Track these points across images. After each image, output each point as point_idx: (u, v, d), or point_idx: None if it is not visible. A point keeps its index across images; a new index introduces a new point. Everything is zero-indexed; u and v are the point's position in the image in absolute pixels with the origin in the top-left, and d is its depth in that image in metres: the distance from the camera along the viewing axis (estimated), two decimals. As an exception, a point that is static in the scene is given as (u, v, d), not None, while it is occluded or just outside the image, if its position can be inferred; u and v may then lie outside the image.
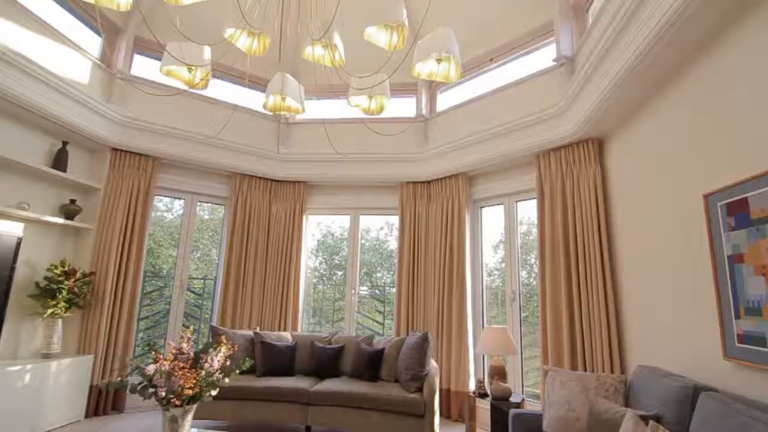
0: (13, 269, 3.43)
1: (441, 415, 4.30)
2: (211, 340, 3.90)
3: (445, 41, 2.54)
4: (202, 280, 5.56)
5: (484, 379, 4.18)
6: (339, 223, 6.03)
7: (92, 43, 4.32)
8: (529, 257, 4.68)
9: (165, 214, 6.71)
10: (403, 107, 5.45)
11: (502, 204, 4.61)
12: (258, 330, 4.26)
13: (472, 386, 4.35)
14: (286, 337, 4.29)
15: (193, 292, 5.42)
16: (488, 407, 4.07)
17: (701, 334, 2.24)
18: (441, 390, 4.36)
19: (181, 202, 5.03)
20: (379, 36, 2.78)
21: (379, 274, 6.04)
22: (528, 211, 4.60)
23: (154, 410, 4.22)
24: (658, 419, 1.95)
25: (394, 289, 5.60)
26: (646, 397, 2.17)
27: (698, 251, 2.28)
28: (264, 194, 5.23)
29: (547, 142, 3.84)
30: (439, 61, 2.76)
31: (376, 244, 6.13)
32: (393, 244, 6.04)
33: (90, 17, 4.21)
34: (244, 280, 4.95)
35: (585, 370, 3.35)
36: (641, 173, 2.98)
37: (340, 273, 6.18)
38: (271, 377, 3.82)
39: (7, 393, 3.20)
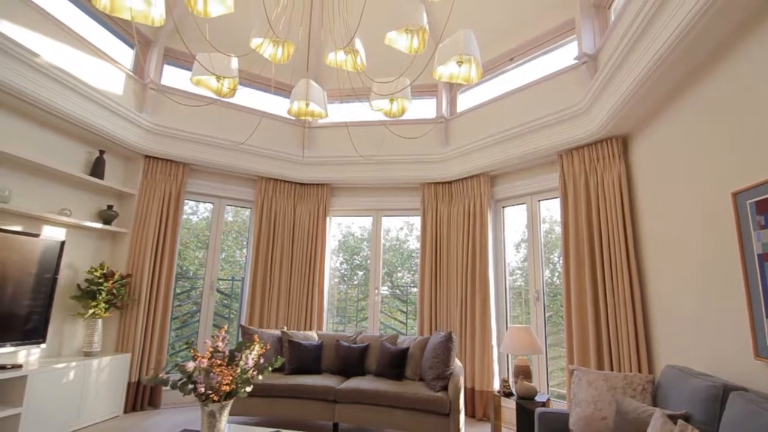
0: (57, 272, 3.63)
1: (465, 414, 4.34)
2: (241, 339, 4.04)
3: (465, 44, 2.56)
4: (229, 281, 5.73)
5: (508, 378, 4.19)
6: (359, 224, 6.10)
7: (125, 55, 4.52)
8: (551, 256, 4.65)
9: (191, 216, 6.93)
10: (424, 108, 5.50)
11: (524, 203, 4.61)
12: (285, 329, 4.38)
13: (496, 385, 4.37)
14: (313, 336, 4.40)
15: (221, 293, 5.59)
16: (513, 406, 4.09)
17: (731, 334, 2.21)
18: (465, 389, 4.40)
19: (206, 205, 5.20)
20: (399, 40, 2.82)
21: (399, 274, 6.07)
22: (550, 208, 4.58)
23: (188, 406, 4.40)
24: (686, 418, 1.95)
25: (414, 289, 5.65)
26: (675, 397, 2.16)
27: (727, 250, 2.26)
28: (288, 197, 5.36)
29: (570, 140, 3.82)
30: (460, 63, 2.78)
31: (396, 244, 6.17)
32: (413, 244, 6.08)
33: (123, 30, 4.40)
34: (271, 281, 5.09)
35: (612, 369, 3.33)
36: (668, 170, 2.95)
37: (361, 273, 6.25)
38: (299, 375, 3.93)
39: (54, 389, 3.40)
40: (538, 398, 3.34)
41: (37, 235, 3.49)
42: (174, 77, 4.89)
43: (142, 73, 4.53)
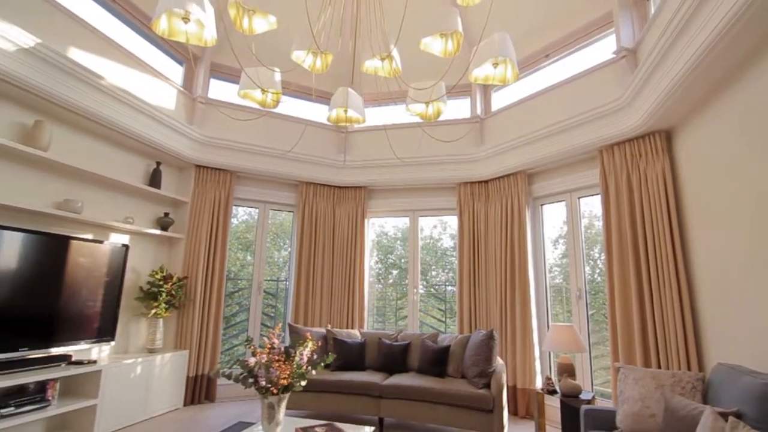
0: (123, 275, 3.96)
1: (508, 411, 4.36)
2: (289, 337, 4.25)
3: (501, 47, 2.59)
4: (274, 282, 5.99)
5: (551, 376, 4.19)
6: (392, 223, 6.19)
7: (175, 71, 4.84)
8: (591, 251, 4.59)
9: (231, 219, 7.27)
10: (458, 108, 5.54)
11: (563, 201, 4.57)
12: (329, 327, 4.56)
13: (538, 383, 4.37)
14: (355, 334, 4.56)
15: (267, 293, 5.85)
16: (556, 404, 4.08)
17: (787, 331, 2.16)
18: (507, 387, 4.42)
19: (245, 208, 5.46)
20: (434, 44, 2.89)
21: (434, 272, 6.13)
22: (588, 203, 4.52)
23: (240, 400, 4.67)
24: (738, 416, 1.94)
25: (450, 288, 5.71)
26: (726, 396, 2.14)
27: (780, 245, 2.21)
28: (328, 200, 5.55)
29: (610, 136, 3.77)
30: (495, 64, 2.82)
31: (430, 243, 6.22)
32: (447, 242, 6.12)
33: (172, 48, 4.72)
34: (313, 282, 5.29)
35: (659, 367, 3.28)
36: (717, 164, 2.87)
37: (395, 272, 6.35)
38: (344, 371, 4.09)
39: (124, 383, 3.72)
40: (582, 396, 3.34)
41: (101, 242, 3.82)
42: (219, 90, 5.18)
43: (191, 88, 4.84)
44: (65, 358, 3.40)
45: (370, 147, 5.50)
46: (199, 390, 4.53)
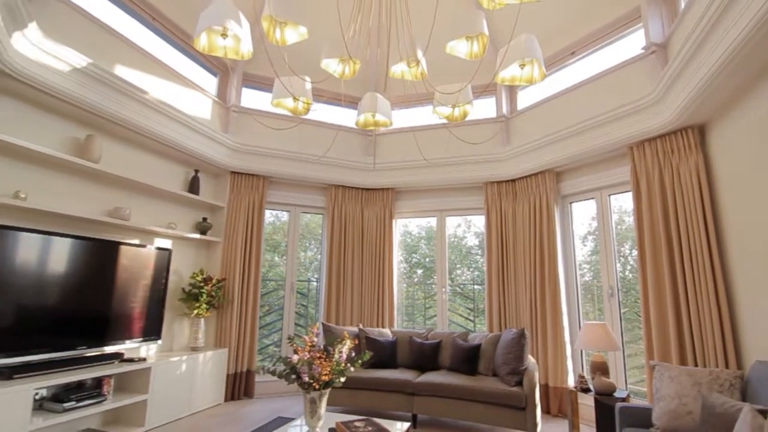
0: (167, 278, 4.19)
1: (541, 410, 4.37)
2: (323, 336, 4.39)
3: (527, 48, 2.61)
4: (302, 282, 6.16)
5: (584, 374, 4.18)
6: (416, 222, 6.25)
7: (210, 82, 5.06)
8: (622, 248, 4.54)
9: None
10: (484, 108, 5.56)
11: (593, 198, 4.54)
12: (361, 326, 4.68)
13: (570, 382, 4.37)
14: (387, 333, 4.66)
15: (299, 293, 6.03)
16: (589, 403, 4.08)
17: (829, 328, 2.13)
18: (539, 385, 4.44)
19: (272, 210, 5.64)
20: (459, 47, 2.93)
21: (458, 271, 6.15)
22: (618, 199, 4.47)
23: (277, 396, 4.86)
24: (779, 413, 1.93)
25: (476, 286, 5.75)
26: (766, 393, 2.14)
27: (821, 241, 2.18)
28: (356, 202, 5.67)
29: (640, 133, 3.74)
30: (522, 65, 2.85)
31: (454, 242, 6.25)
32: (471, 241, 6.14)
33: (206, 60, 4.93)
34: (344, 282, 5.43)
35: (695, 365, 3.25)
36: (754, 157, 2.82)
37: (420, 271, 6.41)
38: (377, 369, 4.20)
39: (171, 379, 3.94)
40: (617, 394, 3.34)
41: (147, 246, 4.05)
42: (251, 98, 5.37)
43: (225, 98, 5.05)
44: (118, 356, 3.64)
45: (397, 149, 5.60)
46: (239, 386, 4.73)
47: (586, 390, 3.51)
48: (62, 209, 3.26)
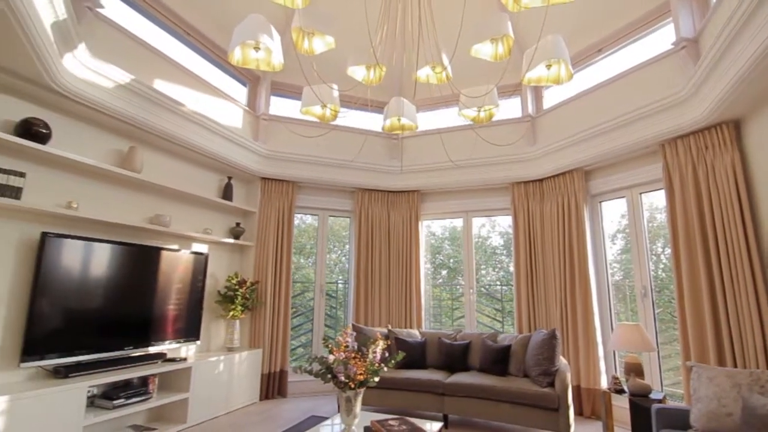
0: (204, 281, 4.37)
1: (573, 411, 4.34)
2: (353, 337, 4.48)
3: (554, 49, 2.61)
4: (329, 284, 6.26)
5: (618, 375, 4.13)
6: (440, 223, 6.26)
7: (240, 91, 5.25)
8: (654, 246, 4.45)
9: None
10: (509, 107, 5.54)
11: (623, 197, 4.48)
12: (390, 327, 4.75)
13: (603, 383, 4.31)
14: (415, 334, 4.71)
15: (329, 295, 6.15)
16: (623, 404, 4.02)
17: None
18: (571, 386, 4.39)
19: (298, 215, 5.76)
20: (484, 49, 2.95)
21: (483, 271, 6.13)
22: (649, 196, 4.38)
23: (309, 396, 4.98)
24: (825, 415, 1.89)
25: (501, 287, 5.73)
26: (812, 395, 2.09)
27: None
28: (382, 205, 5.75)
29: (672, 129, 3.68)
30: (548, 66, 2.85)
31: (478, 242, 6.23)
32: (495, 241, 6.11)
33: (236, 71, 5.11)
34: (372, 284, 5.51)
35: (735, 366, 3.17)
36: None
37: (444, 272, 6.42)
38: (406, 369, 4.26)
39: (210, 378, 4.10)
40: (652, 396, 3.29)
41: (185, 251, 4.24)
42: (279, 106, 5.53)
43: (255, 106, 5.23)
44: (161, 356, 3.83)
45: (423, 151, 5.65)
46: (273, 386, 4.88)
47: (620, 391, 3.47)
48: (108, 217, 3.47)
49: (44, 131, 3.03)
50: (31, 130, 2.96)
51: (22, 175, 2.91)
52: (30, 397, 2.69)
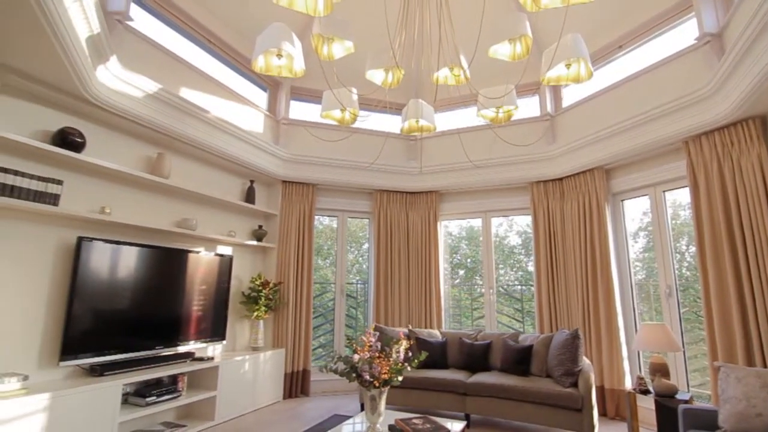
0: (229, 282, 4.49)
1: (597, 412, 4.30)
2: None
3: (573, 48, 2.60)
4: (348, 284, 6.32)
5: (643, 376, 4.08)
6: (456, 222, 6.26)
7: (260, 97, 5.36)
8: (678, 244, 4.37)
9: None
10: (527, 106, 5.52)
11: (646, 195, 4.42)
12: (411, 327, 4.79)
13: (628, 384, 4.26)
14: (436, 334, 4.74)
15: (350, 296, 6.22)
16: (648, 405, 3.97)
17: None
18: (595, 387, 4.36)
19: (316, 216, 5.83)
20: (502, 50, 2.95)
21: (501, 271, 6.11)
22: (672, 193, 4.31)
23: (331, 395, 5.06)
24: None
25: (520, 287, 5.70)
26: None
27: None
28: (401, 206, 5.80)
29: (696, 126, 3.62)
30: (568, 65, 2.84)
31: (496, 241, 6.21)
32: (513, 240, 6.08)
33: (257, 76, 5.23)
34: (391, 284, 5.56)
35: (765, 366, 3.10)
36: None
37: (461, 272, 6.41)
38: (428, 369, 4.29)
39: (236, 377, 4.21)
40: (679, 396, 3.25)
41: (211, 254, 4.36)
42: (298, 110, 5.63)
43: (275, 111, 5.34)
44: (189, 355, 3.95)
45: (441, 152, 5.67)
46: (296, 385, 4.97)
47: (646, 392, 3.44)
48: (139, 221, 3.60)
49: (79, 140, 3.17)
50: (68, 140, 3.10)
51: (59, 182, 3.05)
52: (70, 395, 2.82)
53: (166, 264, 3.86)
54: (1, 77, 2.75)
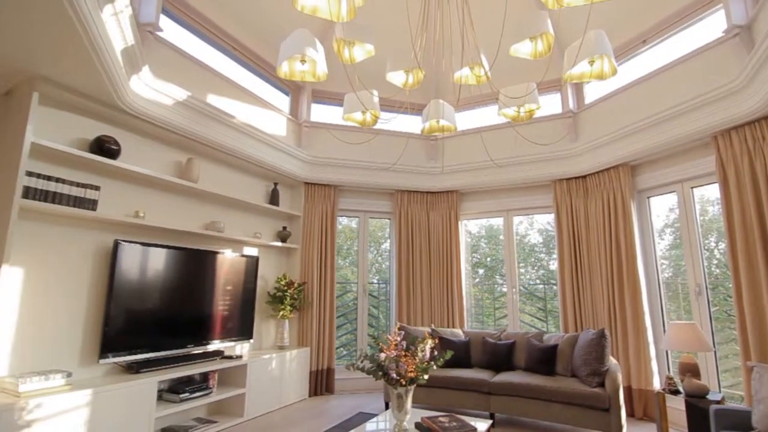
0: (255, 283, 4.60)
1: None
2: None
3: (597, 46, 2.58)
4: (371, 284, 6.36)
5: (672, 376, 4.01)
6: (475, 221, 6.23)
7: (282, 101, 5.47)
8: (706, 241, 4.27)
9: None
10: (549, 103, 5.46)
11: (673, 191, 4.33)
12: (433, 327, 4.81)
13: (656, 384, 4.20)
14: (459, 333, 4.75)
15: (371, 295, 6.27)
16: (677, 406, 3.91)
17: None
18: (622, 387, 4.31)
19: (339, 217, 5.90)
20: (523, 48, 2.94)
21: (522, 270, 6.05)
22: (699, 191, 4.21)
23: (354, 393, 5.13)
24: None
25: (541, 286, 5.65)
26: None
27: None
28: (422, 206, 5.83)
29: (725, 121, 3.54)
30: (591, 62, 2.82)
31: (516, 239, 6.16)
32: (534, 238, 6.02)
33: (279, 81, 5.33)
34: (413, 284, 5.60)
35: (802, 367, 3.02)
36: None
37: (481, 271, 6.37)
38: (451, 368, 4.31)
39: (263, 375, 4.32)
40: (710, 396, 3.19)
41: (238, 255, 4.48)
42: (319, 113, 5.72)
43: (297, 114, 5.44)
44: (219, 353, 4.07)
45: (461, 151, 5.68)
46: (321, 383, 5.06)
47: (675, 392, 3.38)
48: (170, 224, 3.73)
49: (115, 147, 3.31)
50: (104, 147, 3.25)
51: (97, 188, 3.20)
52: (110, 391, 2.96)
53: (196, 265, 3.99)
54: (42, 89, 2.90)
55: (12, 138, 2.82)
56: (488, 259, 6.46)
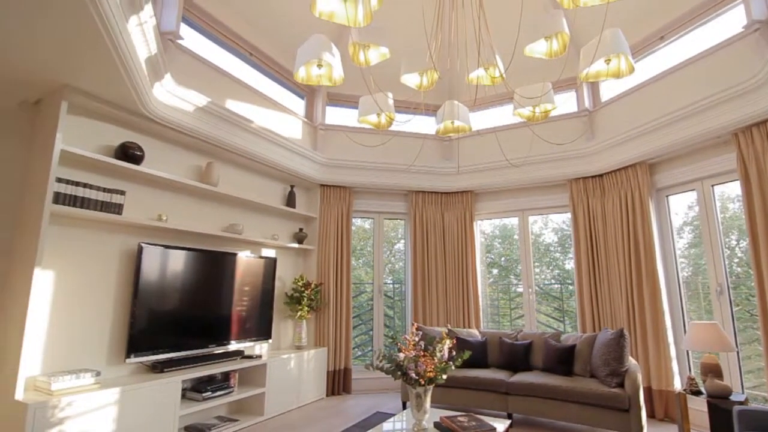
0: (273, 283, 4.68)
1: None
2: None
3: (613, 44, 2.57)
4: (386, 285, 6.39)
5: (694, 376, 3.96)
6: (489, 221, 6.21)
7: (298, 104, 5.54)
8: (727, 239, 4.20)
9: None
10: (564, 102, 5.43)
11: (693, 190, 4.27)
12: (449, 327, 4.83)
13: (677, 385, 4.15)
14: (475, 333, 4.76)
15: (385, 295, 6.31)
16: (698, 407, 3.86)
17: None
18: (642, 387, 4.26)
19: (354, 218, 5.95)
20: (538, 47, 2.93)
21: (537, 269, 6.02)
22: (719, 188, 4.14)
23: (370, 393, 5.17)
24: None
25: (557, 285, 5.61)
26: None
27: None
28: (436, 206, 5.84)
29: (746, 117, 3.49)
30: (608, 61, 2.80)
31: (530, 239, 6.12)
32: (549, 238, 5.98)
33: (294, 84, 5.41)
34: (429, 284, 5.62)
35: (829, 368, 2.96)
36: None
37: (495, 271, 6.35)
38: (468, 369, 4.32)
39: (282, 374, 4.39)
40: (733, 397, 3.15)
41: (256, 257, 4.56)
42: (333, 115, 5.78)
43: (312, 117, 5.51)
44: (239, 353, 4.16)
45: (476, 151, 5.68)
46: (338, 383, 5.12)
47: (697, 393, 3.34)
48: (191, 227, 3.82)
49: (138, 153, 3.41)
50: (128, 153, 3.35)
51: (122, 193, 3.30)
52: (137, 389, 3.06)
53: (217, 267, 4.08)
54: (70, 98, 3.00)
55: (43, 146, 2.93)
56: (502, 259, 6.44)
